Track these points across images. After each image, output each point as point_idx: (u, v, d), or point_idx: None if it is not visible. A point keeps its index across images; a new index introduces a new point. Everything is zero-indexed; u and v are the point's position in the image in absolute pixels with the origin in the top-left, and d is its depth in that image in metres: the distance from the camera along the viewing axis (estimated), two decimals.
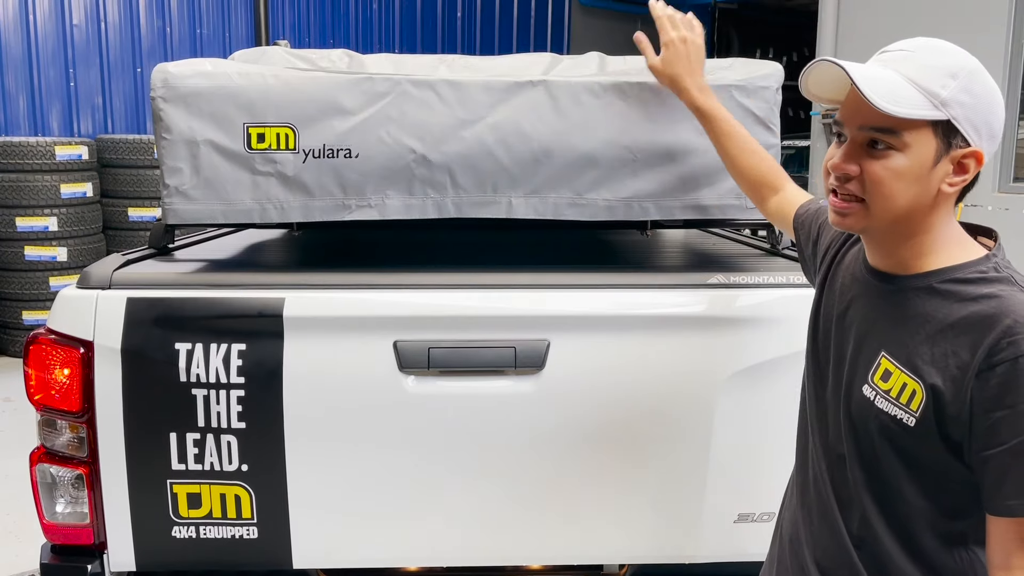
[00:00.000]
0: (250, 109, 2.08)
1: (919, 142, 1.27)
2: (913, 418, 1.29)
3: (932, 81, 1.26)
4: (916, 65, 1.28)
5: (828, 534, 1.46)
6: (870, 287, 1.42)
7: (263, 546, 2.11)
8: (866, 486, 1.38)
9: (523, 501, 2.13)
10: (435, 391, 2.07)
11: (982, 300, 1.26)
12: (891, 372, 1.32)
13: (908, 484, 1.34)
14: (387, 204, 2.14)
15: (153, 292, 2.06)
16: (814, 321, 1.55)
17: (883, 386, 1.33)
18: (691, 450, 2.12)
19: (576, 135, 2.13)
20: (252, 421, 2.04)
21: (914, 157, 1.27)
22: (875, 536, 1.38)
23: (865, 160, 1.29)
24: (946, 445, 1.28)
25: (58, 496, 2.12)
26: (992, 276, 1.29)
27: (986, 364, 1.22)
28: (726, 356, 2.09)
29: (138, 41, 8.32)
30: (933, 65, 1.28)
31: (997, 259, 1.32)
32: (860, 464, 1.39)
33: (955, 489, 1.31)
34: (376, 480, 2.10)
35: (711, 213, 2.25)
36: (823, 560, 1.47)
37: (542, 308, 2.09)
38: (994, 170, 6.57)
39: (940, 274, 1.32)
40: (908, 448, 1.31)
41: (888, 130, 1.27)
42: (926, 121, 1.26)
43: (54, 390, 2.05)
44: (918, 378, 1.28)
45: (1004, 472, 1.22)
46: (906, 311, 1.34)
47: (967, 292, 1.28)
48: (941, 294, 1.30)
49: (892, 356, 1.33)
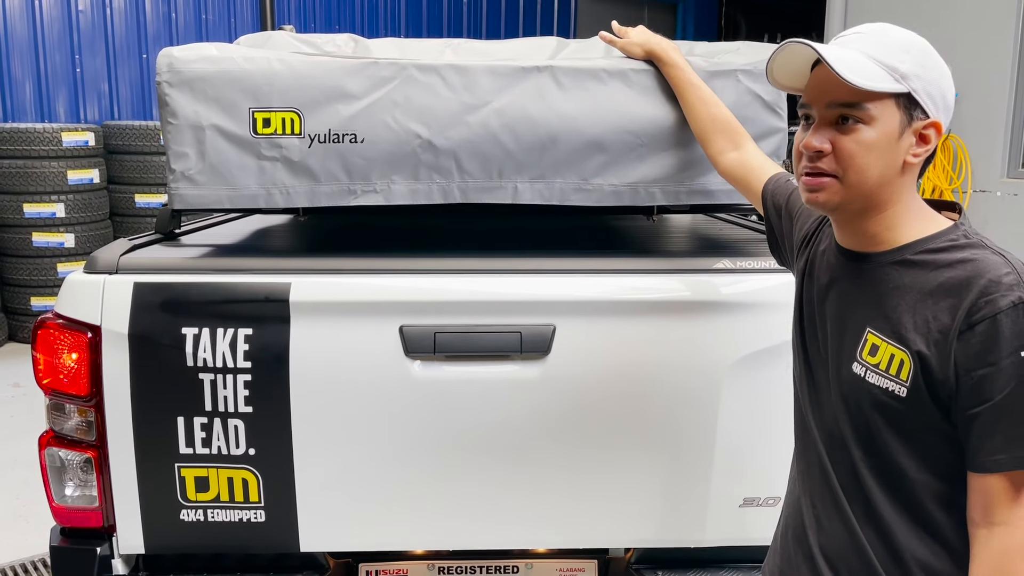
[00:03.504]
0: (255, 94, 2.08)
1: (884, 115, 1.32)
2: (904, 388, 1.31)
3: (890, 56, 1.32)
4: (872, 43, 1.34)
5: (831, 518, 1.46)
6: (846, 268, 1.45)
7: (270, 529, 2.12)
8: (866, 465, 1.39)
9: (529, 485, 2.14)
10: (441, 376, 2.08)
11: (957, 265, 1.30)
12: (878, 346, 1.35)
13: (907, 458, 1.35)
14: (393, 189, 2.14)
15: (160, 277, 2.07)
16: (798, 310, 1.58)
17: (871, 360, 1.36)
18: (696, 434, 2.13)
19: (582, 120, 2.13)
20: (259, 405, 2.05)
21: (881, 129, 1.33)
22: (879, 515, 1.39)
23: (835, 136, 1.34)
24: (938, 410, 1.30)
25: (67, 479, 2.14)
26: (963, 242, 1.34)
27: (966, 324, 1.25)
28: (732, 341, 2.09)
29: (144, 26, 8.31)
30: (888, 43, 1.34)
31: (965, 227, 1.37)
32: (858, 443, 1.40)
33: (953, 455, 1.32)
34: (382, 464, 2.11)
35: (717, 198, 2.24)
36: (827, 545, 1.47)
37: (548, 293, 2.09)
38: (1003, 156, 6.54)
39: (913, 247, 1.36)
40: (903, 420, 1.34)
41: (856, 104, 1.32)
42: (889, 94, 1.32)
43: (62, 374, 2.06)
44: (904, 347, 1.31)
45: (990, 427, 1.25)
46: (884, 285, 1.37)
47: (941, 259, 1.33)
48: (917, 264, 1.35)
49: (877, 330, 1.36)
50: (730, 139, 2.01)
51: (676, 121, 2.16)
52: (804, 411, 1.55)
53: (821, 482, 1.48)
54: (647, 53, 2.17)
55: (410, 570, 2.27)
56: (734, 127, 2.03)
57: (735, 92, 2.19)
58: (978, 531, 1.30)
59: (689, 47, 2.39)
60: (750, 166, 1.94)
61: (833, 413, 1.44)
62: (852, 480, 1.42)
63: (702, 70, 2.15)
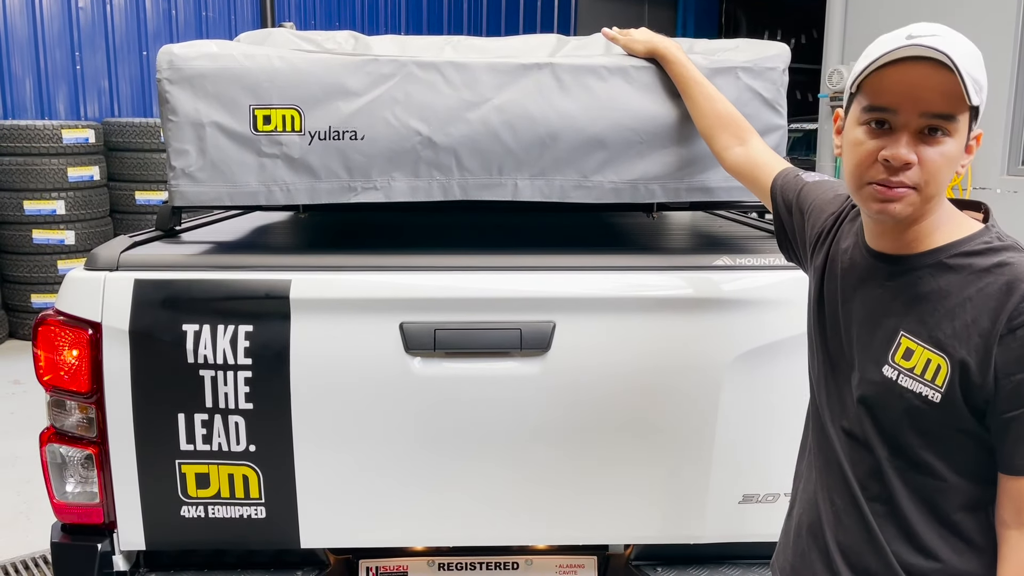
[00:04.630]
0: (256, 91, 2.08)
1: (962, 127, 1.30)
2: (939, 393, 1.31)
3: (973, 67, 1.27)
4: (956, 51, 1.26)
5: (850, 516, 1.46)
6: (876, 270, 1.43)
7: (271, 526, 2.12)
8: (892, 465, 1.39)
9: (528, 482, 2.14)
10: (441, 373, 2.08)
11: (994, 269, 1.30)
12: (913, 350, 1.34)
13: (934, 459, 1.35)
14: (393, 186, 2.14)
15: (160, 274, 2.07)
16: (818, 307, 1.56)
17: (905, 364, 1.35)
18: (696, 431, 2.13)
19: (582, 117, 2.13)
20: (259, 402, 2.05)
21: (959, 142, 1.30)
22: (902, 514, 1.39)
23: (920, 147, 1.29)
24: (972, 414, 1.30)
25: (68, 476, 2.14)
26: (998, 245, 1.33)
27: (1007, 329, 1.26)
28: (731, 338, 2.10)
29: (144, 24, 8.32)
30: (967, 52, 1.28)
31: (996, 229, 1.37)
32: (884, 443, 1.40)
33: (983, 457, 1.33)
34: (383, 461, 2.11)
35: (717, 195, 2.24)
36: (845, 541, 1.47)
37: (548, 290, 2.09)
38: (1003, 153, 6.54)
39: (947, 249, 1.35)
40: (933, 423, 1.34)
41: (951, 116, 1.28)
42: (969, 107, 1.28)
43: (63, 371, 2.06)
44: (943, 353, 1.31)
45: None
46: (920, 289, 1.36)
47: (978, 264, 1.32)
48: (953, 268, 1.34)
49: (912, 334, 1.35)
50: (735, 135, 1.99)
51: (676, 118, 2.16)
52: (821, 409, 1.54)
53: (840, 479, 1.48)
54: (649, 51, 2.16)
55: (410, 566, 2.27)
56: (739, 123, 2.01)
57: (735, 89, 2.19)
58: (1009, 532, 1.31)
59: (689, 44, 2.39)
60: (757, 162, 1.92)
61: (856, 413, 1.43)
62: (874, 479, 1.42)
63: (702, 67, 2.14)
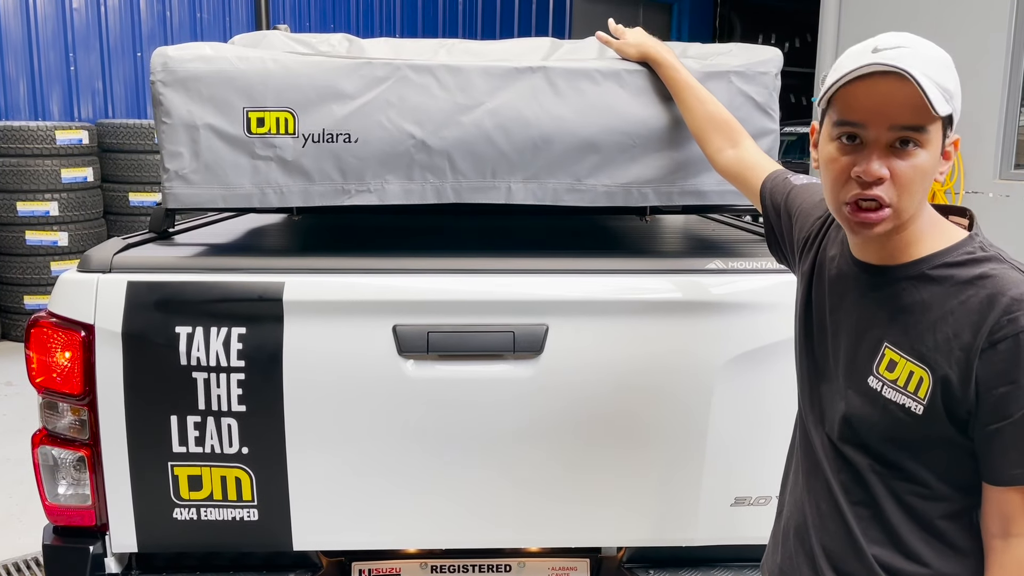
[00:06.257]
0: (250, 93, 2.08)
1: (935, 137, 1.27)
2: (921, 406, 1.31)
3: (941, 76, 1.25)
4: (922, 60, 1.25)
5: (834, 520, 1.47)
6: (861, 280, 1.43)
7: (263, 528, 2.12)
8: (874, 471, 1.40)
9: (521, 484, 2.15)
10: (434, 375, 2.08)
11: (976, 281, 1.29)
12: (896, 362, 1.34)
13: (916, 467, 1.36)
14: (386, 189, 2.15)
15: (153, 276, 2.07)
16: (805, 313, 1.55)
17: (889, 376, 1.35)
18: (688, 434, 2.14)
19: (575, 121, 2.14)
20: (252, 404, 2.05)
21: (932, 153, 1.28)
22: (885, 518, 1.40)
23: (892, 161, 1.27)
24: (954, 426, 1.31)
25: (60, 478, 2.14)
26: (980, 256, 1.32)
27: (988, 343, 1.25)
28: (724, 341, 2.10)
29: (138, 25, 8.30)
30: (934, 59, 1.27)
31: (980, 239, 1.35)
32: (867, 452, 1.40)
33: (966, 465, 1.33)
34: (376, 463, 2.11)
35: (710, 199, 2.25)
36: (830, 545, 1.48)
37: (541, 293, 2.10)
38: (995, 157, 6.56)
39: (930, 260, 1.34)
40: (916, 434, 1.33)
41: (921, 128, 1.26)
42: (940, 116, 1.25)
43: (55, 373, 2.06)
44: (925, 365, 1.30)
45: (1010, 443, 1.26)
46: (903, 301, 1.35)
47: (960, 275, 1.31)
48: (936, 280, 1.32)
49: (895, 346, 1.35)
50: (728, 137, 2.00)
51: (669, 122, 2.17)
52: (805, 414, 1.54)
53: (824, 484, 1.48)
54: (642, 55, 2.17)
55: (403, 569, 2.27)
56: (731, 125, 2.02)
57: (727, 94, 2.20)
58: (995, 542, 1.32)
59: (682, 48, 2.40)
60: (748, 164, 1.92)
61: (840, 421, 1.44)
62: (858, 484, 1.42)
63: (695, 72, 2.15)
